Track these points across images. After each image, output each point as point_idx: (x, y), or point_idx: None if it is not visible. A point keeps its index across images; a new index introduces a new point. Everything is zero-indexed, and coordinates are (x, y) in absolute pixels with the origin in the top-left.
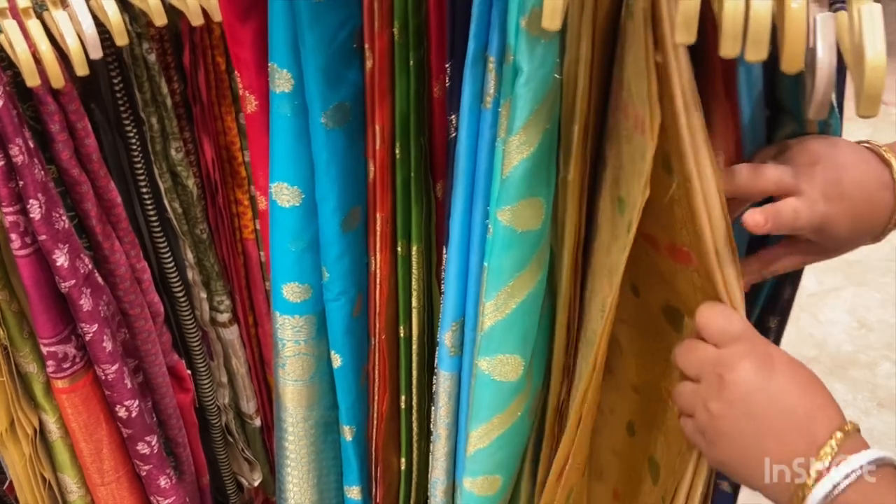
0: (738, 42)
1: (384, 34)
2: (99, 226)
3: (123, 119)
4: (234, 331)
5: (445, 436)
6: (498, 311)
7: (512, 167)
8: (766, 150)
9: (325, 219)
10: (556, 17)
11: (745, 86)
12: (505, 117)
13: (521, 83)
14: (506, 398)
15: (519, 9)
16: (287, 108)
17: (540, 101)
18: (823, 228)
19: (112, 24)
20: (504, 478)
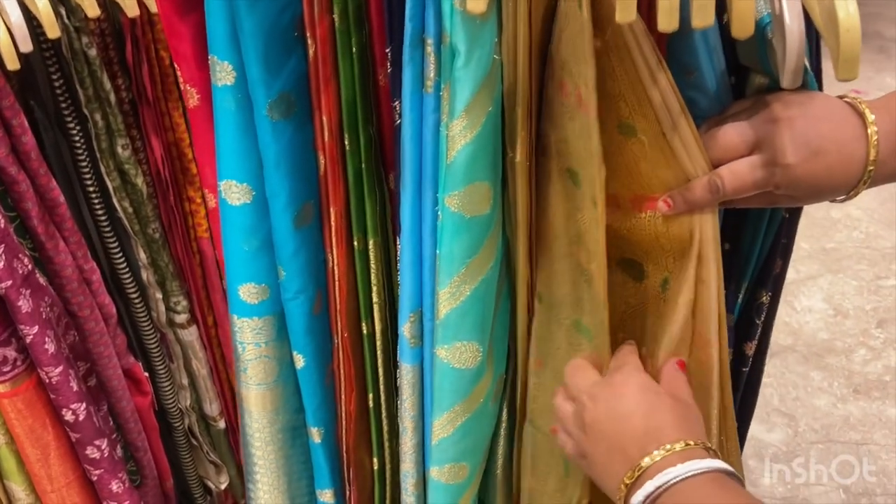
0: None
1: (324, 20)
2: (41, 226)
3: (65, 116)
4: (193, 332)
5: (412, 428)
6: (452, 299)
7: (456, 152)
8: (740, 102)
9: (277, 215)
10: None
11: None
12: (447, 101)
13: (458, 66)
14: (466, 385)
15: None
16: (230, 101)
17: (480, 83)
18: (791, 182)
19: (42, 16)
20: (471, 465)
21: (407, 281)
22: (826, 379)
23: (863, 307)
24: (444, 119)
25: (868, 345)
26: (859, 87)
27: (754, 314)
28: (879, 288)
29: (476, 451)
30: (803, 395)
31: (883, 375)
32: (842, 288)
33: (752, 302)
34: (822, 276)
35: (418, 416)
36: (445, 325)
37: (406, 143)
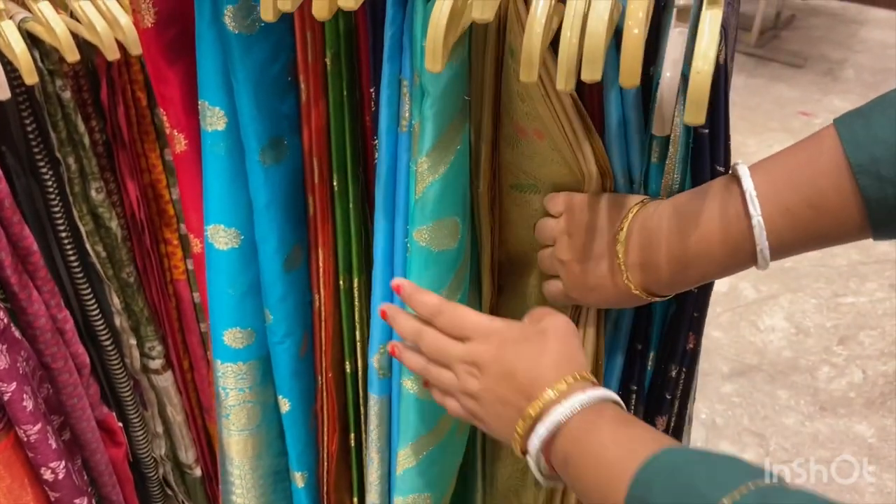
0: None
1: (318, 64)
2: (14, 276)
3: (38, 161)
4: (168, 377)
5: (378, 460)
6: None
7: (425, 187)
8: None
9: (267, 260)
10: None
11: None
12: (416, 139)
13: (427, 105)
14: (432, 416)
15: (423, 32)
16: (221, 147)
17: (448, 122)
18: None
19: (20, 63)
20: (434, 496)
21: (377, 314)
22: (793, 397)
23: (823, 325)
24: (413, 156)
25: (831, 362)
26: (808, 110)
27: (666, 389)
28: (838, 305)
29: (441, 482)
30: (772, 413)
31: (847, 392)
32: (802, 306)
33: (664, 376)
34: (782, 294)
35: (385, 447)
36: None
37: (381, 180)
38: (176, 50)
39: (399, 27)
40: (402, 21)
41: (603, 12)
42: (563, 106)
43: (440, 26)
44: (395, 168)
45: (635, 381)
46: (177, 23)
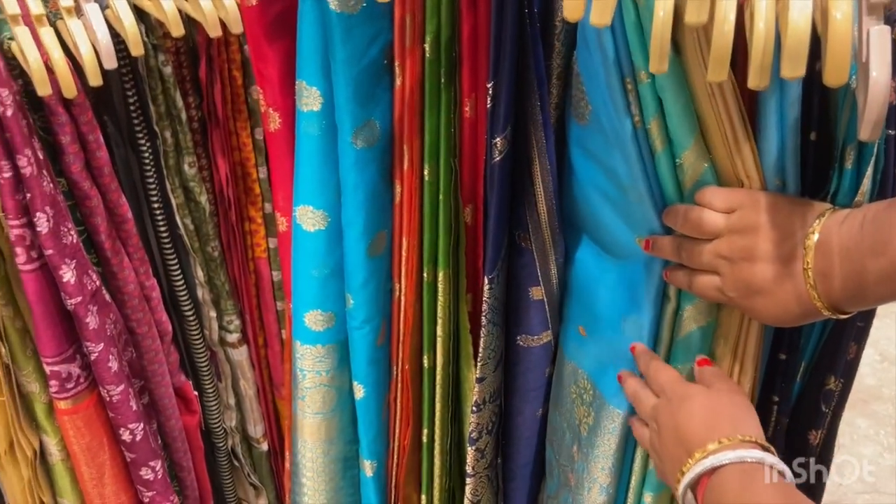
0: (767, 73)
1: (416, 50)
2: (108, 241)
3: (137, 132)
4: (244, 351)
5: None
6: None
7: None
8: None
9: (351, 243)
10: (664, 62)
11: (776, 111)
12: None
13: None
14: None
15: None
16: (315, 127)
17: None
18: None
19: (128, 34)
20: None
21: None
22: (872, 427)
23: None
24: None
25: None
26: None
27: (822, 401)
28: None
29: None
30: (849, 442)
31: None
32: (887, 333)
33: (820, 388)
34: None
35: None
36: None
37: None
38: (277, 29)
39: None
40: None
41: (805, 5)
42: (727, 105)
43: (667, 24)
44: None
45: (777, 392)
46: (280, 2)
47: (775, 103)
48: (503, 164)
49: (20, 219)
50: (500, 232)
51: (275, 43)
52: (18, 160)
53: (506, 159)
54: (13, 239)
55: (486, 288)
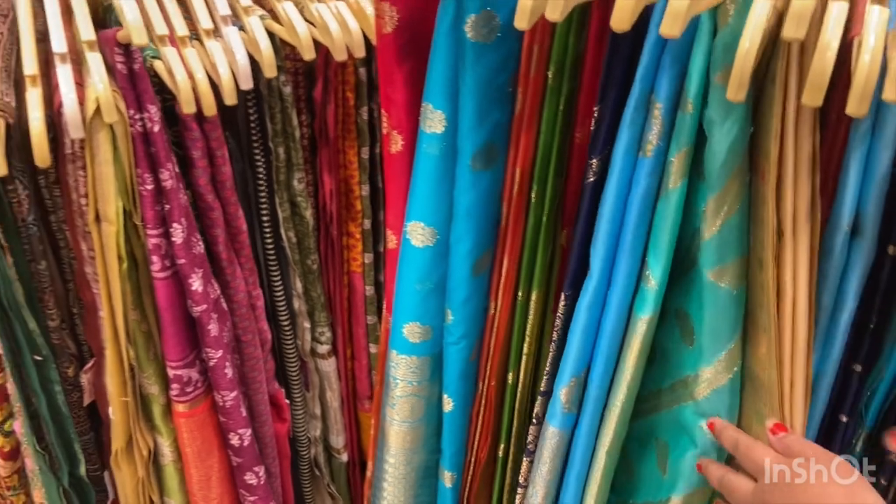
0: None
1: (539, 77)
2: (225, 252)
3: (254, 148)
4: (332, 363)
5: (542, 495)
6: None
7: (722, 224)
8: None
9: (458, 261)
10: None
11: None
12: (678, 168)
13: (718, 140)
14: None
15: (707, 61)
16: (435, 148)
17: (739, 158)
18: None
19: (263, 57)
20: None
21: (575, 345)
22: None
23: None
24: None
25: None
26: None
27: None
28: None
29: None
30: None
31: None
32: None
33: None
34: None
35: (553, 482)
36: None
37: (607, 205)
38: (408, 55)
39: (661, 48)
40: (665, 42)
41: None
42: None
43: (751, 54)
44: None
45: (847, 411)
46: (413, 29)
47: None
48: (595, 185)
49: (158, 229)
50: (581, 249)
51: (405, 69)
52: (161, 173)
53: (599, 181)
54: (150, 247)
55: (562, 304)
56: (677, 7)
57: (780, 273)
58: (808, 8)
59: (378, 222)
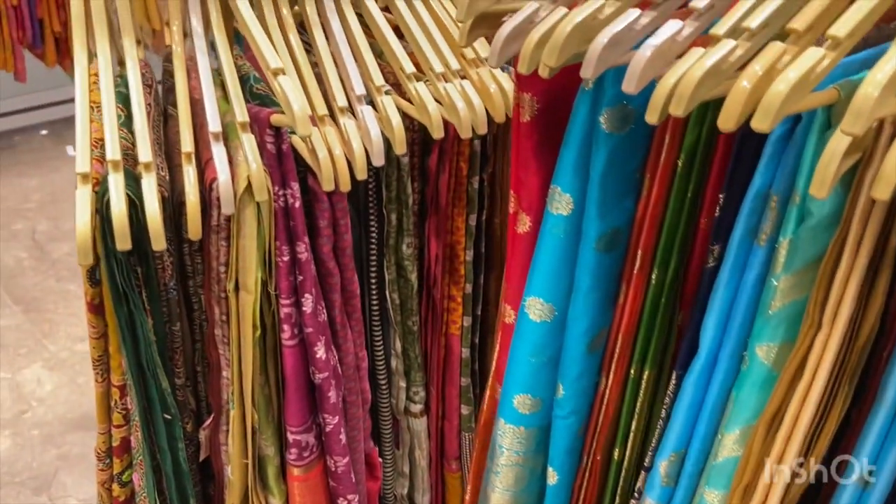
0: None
1: (668, 164)
2: (340, 316)
3: (370, 214)
4: (424, 422)
5: None
6: (736, 446)
7: (784, 305)
8: None
9: (574, 339)
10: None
11: None
12: (782, 255)
13: (808, 226)
14: None
15: (817, 154)
16: (560, 230)
17: (824, 246)
18: None
19: (395, 135)
20: None
21: (679, 420)
22: None
23: None
24: (776, 271)
25: None
26: None
27: None
28: None
29: None
30: None
31: None
32: None
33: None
34: None
35: None
36: (720, 471)
37: (720, 287)
38: (543, 142)
39: (784, 143)
40: (788, 137)
41: None
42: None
43: (836, 155)
44: (740, 280)
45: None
46: (549, 117)
47: None
48: (714, 270)
49: (290, 298)
50: (695, 331)
51: (540, 155)
52: (297, 246)
53: (718, 266)
54: (282, 316)
55: (672, 382)
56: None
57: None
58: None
59: (478, 286)
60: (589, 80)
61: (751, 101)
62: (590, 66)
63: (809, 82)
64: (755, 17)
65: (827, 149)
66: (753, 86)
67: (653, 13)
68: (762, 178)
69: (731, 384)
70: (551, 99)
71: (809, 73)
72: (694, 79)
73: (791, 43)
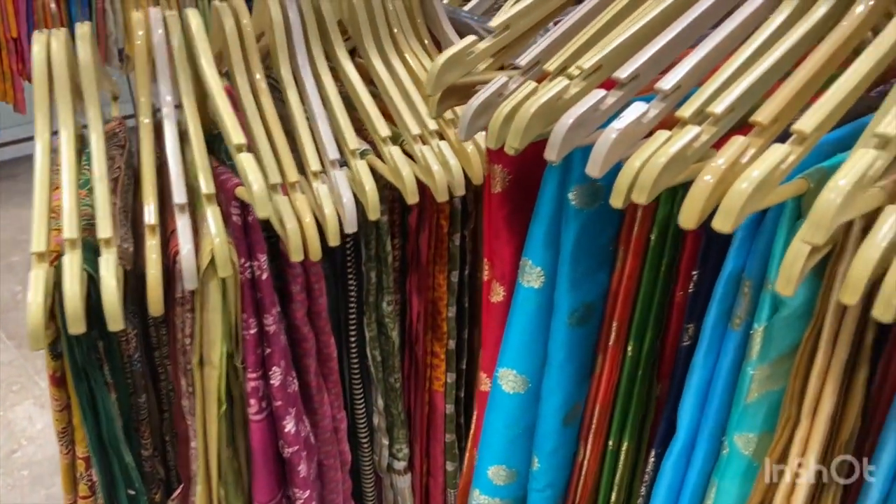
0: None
1: (641, 237)
2: (315, 380)
3: (348, 272)
4: (408, 479)
5: None
6: None
7: (759, 396)
8: None
9: (549, 413)
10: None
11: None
12: (757, 343)
13: (781, 316)
14: None
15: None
16: (532, 303)
17: (797, 339)
18: None
19: (368, 200)
20: None
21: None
22: None
23: None
24: (751, 359)
25: None
26: None
27: None
28: None
29: None
30: None
31: None
32: None
33: None
34: None
35: None
36: None
37: (696, 370)
38: (515, 212)
39: (755, 227)
40: (760, 221)
41: None
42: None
43: (801, 255)
44: (716, 363)
45: None
46: (521, 187)
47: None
48: (689, 349)
49: (257, 371)
50: (673, 410)
51: (512, 225)
52: (265, 318)
53: (692, 345)
54: (249, 390)
55: (651, 460)
56: (728, 205)
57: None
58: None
59: (462, 341)
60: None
61: (713, 197)
62: (554, 149)
63: (773, 180)
64: (721, 101)
65: (791, 247)
66: (717, 181)
67: (619, 93)
68: (734, 261)
69: (711, 468)
70: (523, 170)
71: (774, 171)
72: (657, 166)
73: (755, 136)
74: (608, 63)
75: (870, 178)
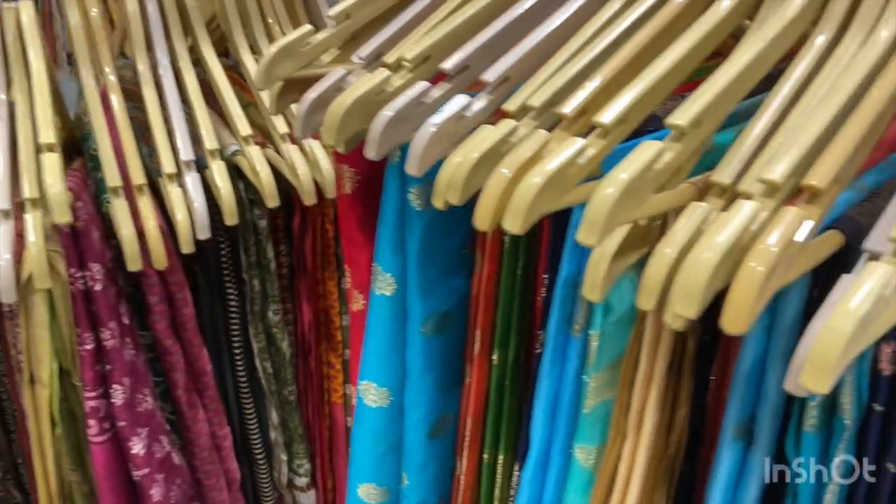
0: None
1: (496, 240)
2: (185, 395)
3: (225, 280)
4: (312, 496)
5: None
6: None
7: (594, 406)
8: None
9: (412, 426)
10: (596, 292)
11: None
12: (593, 350)
13: (611, 321)
14: None
15: None
16: (386, 311)
17: (618, 352)
18: None
19: (224, 204)
20: None
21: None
22: None
23: None
24: (588, 366)
25: None
26: None
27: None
28: None
29: None
30: None
31: None
32: None
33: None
34: None
35: None
36: None
37: (543, 380)
38: (368, 215)
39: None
40: None
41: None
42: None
43: (605, 257)
44: (562, 371)
45: None
46: (373, 189)
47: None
48: (540, 357)
49: (97, 390)
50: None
51: (366, 229)
52: (102, 333)
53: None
54: (87, 410)
55: (515, 472)
56: (518, 204)
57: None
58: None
59: None
60: (375, 158)
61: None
62: (373, 146)
63: (569, 176)
64: (542, 93)
65: (595, 250)
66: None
67: (447, 85)
68: (568, 265)
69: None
70: (372, 170)
71: (568, 167)
72: (469, 162)
73: (563, 129)
74: (437, 53)
75: (657, 172)
